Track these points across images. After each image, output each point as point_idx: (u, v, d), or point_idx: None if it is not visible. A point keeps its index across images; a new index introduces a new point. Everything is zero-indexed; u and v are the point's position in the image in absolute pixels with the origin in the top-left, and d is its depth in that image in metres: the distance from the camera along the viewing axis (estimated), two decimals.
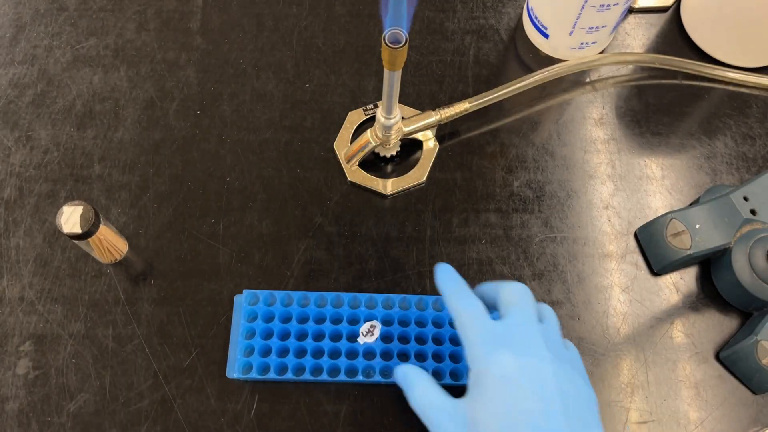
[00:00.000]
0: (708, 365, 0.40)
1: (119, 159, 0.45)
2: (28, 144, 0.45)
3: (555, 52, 0.49)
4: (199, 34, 0.50)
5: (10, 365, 0.39)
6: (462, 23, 0.51)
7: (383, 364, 0.37)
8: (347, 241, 0.43)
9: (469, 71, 0.49)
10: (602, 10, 0.43)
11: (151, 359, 0.39)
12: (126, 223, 0.43)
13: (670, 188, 0.45)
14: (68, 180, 0.44)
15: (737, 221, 0.40)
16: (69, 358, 0.39)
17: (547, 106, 0.48)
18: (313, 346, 0.37)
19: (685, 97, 0.48)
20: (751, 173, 0.46)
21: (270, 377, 0.37)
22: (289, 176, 0.45)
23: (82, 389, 0.38)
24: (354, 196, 0.44)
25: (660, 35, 0.51)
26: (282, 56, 0.49)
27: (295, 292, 0.39)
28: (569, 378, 0.30)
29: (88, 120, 0.46)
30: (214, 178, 0.44)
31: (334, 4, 0.51)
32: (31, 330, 0.40)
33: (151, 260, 0.42)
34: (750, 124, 0.47)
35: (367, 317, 0.38)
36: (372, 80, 0.48)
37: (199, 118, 0.47)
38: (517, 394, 0.29)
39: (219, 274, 0.41)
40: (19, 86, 0.47)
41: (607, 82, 0.49)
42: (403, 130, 0.43)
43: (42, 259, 0.42)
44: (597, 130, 0.47)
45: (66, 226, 0.36)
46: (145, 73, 0.48)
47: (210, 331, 0.40)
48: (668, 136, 0.47)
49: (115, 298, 0.41)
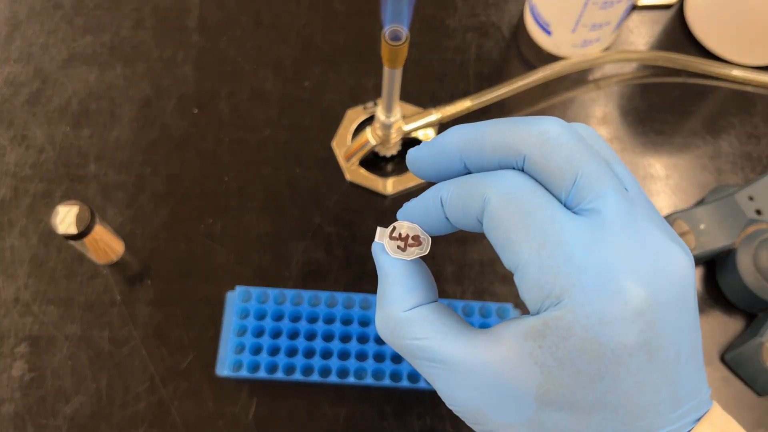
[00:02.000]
0: (713, 367, 0.39)
1: (115, 158, 0.44)
2: (23, 143, 0.45)
3: (557, 50, 0.49)
4: (197, 32, 0.49)
5: (5, 367, 0.38)
6: (463, 20, 0.50)
7: (375, 367, 0.37)
8: (347, 242, 0.42)
9: (471, 69, 0.48)
10: (605, 7, 0.43)
11: (147, 361, 0.38)
12: (122, 223, 0.42)
13: (674, 188, 0.45)
14: (64, 179, 0.44)
15: (742, 221, 0.40)
16: (65, 360, 0.38)
17: (549, 104, 0.48)
18: (304, 346, 0.37)
19: (689, 95, 0.48)
20: (755, 173, 0.45)
21: (260, 376, 0.36)
22: (288, 176, 0.44)
23: (78, 392, 0.38)
24: (354, 196, 0.44)
25: (664, 33, 0.51)
26: (280, 54, 0.49)
27: (289, 290, 0.38)
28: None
29: (83, 119, 0.46)
30: (211, 178, 0.44)
31: (334, 1, 0.51)
32: (27, 332, 0.39)
33: (147, 261, 0.41)
34: (755, 123, 0.47)
35: (361, 318, 0.38)
36: (372, 78, 0.48)
37: (196, 117, 0.46)
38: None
39: (217, 275, 0.41)
40: (15, 84, 0.47)
41: (611, 80, 0.49)
42: (403, 129, 0.42)
43: (37, 260, 0.41)
44: (600, 128, 0.47)
45: (61, 226, 0.35)
46: (142, 71, 0.48)
47: (207, 333, 0.39)
48: (672, 135, 0.47)
49: (112, 300, 0.40)
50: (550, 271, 0.17)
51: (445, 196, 0.19)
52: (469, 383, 0.18)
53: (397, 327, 0.19)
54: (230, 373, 0.36)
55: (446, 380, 0.18)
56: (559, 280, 0.17)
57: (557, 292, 0.17)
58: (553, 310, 0.17)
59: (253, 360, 0.36)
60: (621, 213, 0.17)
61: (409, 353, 0.19)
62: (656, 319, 0.16)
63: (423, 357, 0.19)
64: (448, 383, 0.18)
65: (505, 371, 0.17)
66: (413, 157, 0.21)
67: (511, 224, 0.17)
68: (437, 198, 0.20)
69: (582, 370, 0.17)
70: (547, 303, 0.17)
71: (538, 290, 0.17)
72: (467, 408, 0.18)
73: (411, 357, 0.19)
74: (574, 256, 0.17)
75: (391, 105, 0.39)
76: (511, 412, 0.18)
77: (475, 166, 0.19)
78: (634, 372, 0.17)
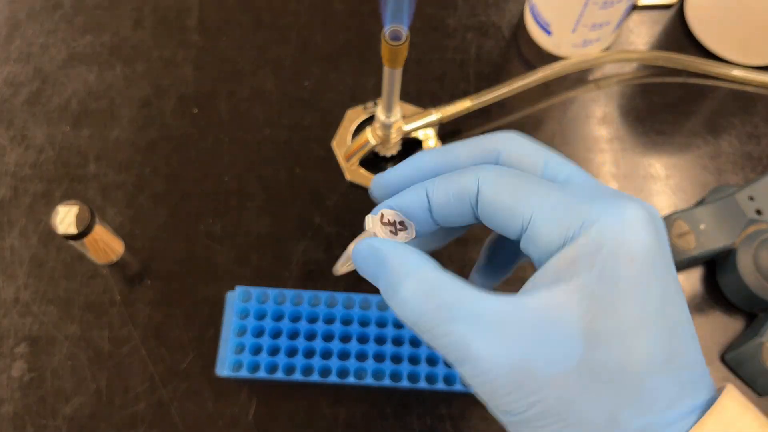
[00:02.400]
0: (713, 367, 0.39)
1: (115, 158, 0.44)
2: (23, 143, 0.45)
3: (558, 50, 0.49)
4: (196, 32, 0.49)
5: (4, 367, 0.38)
6: (463, 20, 0.50)
7: (375, 367, 0.37)
8: (347, 242, 0.42)
9: (471, 69, 0.48)
10: (605, 7, 0.43)
11: (147, 361, 0.38)
12: (122, 223, 0.42)
13: (674, 188, 0.45)
14: (63, 179, 0.44)
15: (742, 221, 0.40)
16: (64, 360, 0.38)
17: (549, 104, 0.48)
18: (304, 346, 0.37)
19: (689, 95, 0.48)
20: (756, 173, 0.45)
21: (260, 376, 0.36)
22: (288, 175, 0.44)
23: (77, 392, 0.38)
24: (353, 196, 0.44)
25: (664, 33, 0.50)
26: (280, 53, 0.48)
27: (289, 290, 0.38)
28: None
29: (83, 119, 0.46)
30: (211, 178, 0.44)
31: (334, 1, 0.51)
32: (26, 332, 0.39)
33: (147, 261, 0.41)
34: (755, 123, 0.47)
35: (361, 318, 0.38)
36: (372, 78, 0.48)
37: (196, 117, 0.46)
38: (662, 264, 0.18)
39: (216, 275, 0.41)
40: (14, 84, 0.47)
41: (611, 80, 0.49)
42: (403, 129, 0.42)
43: (37, 260, 0.41)
44: (600, 128, 0.47)
45: (61, 226, 0.35)
46: (142, 71, 0.47)
47: (207, 333, 0.39)
48: (672, 135, 0.47)
49: (111, 300, 0.40)
50: (566, 205, 0.18)
51: (433, 189, 0.20)
52: (513, 335, 0.17)
53: (431, 288, 0.18)
54: (230, 373, 0.36)
55: (487, 338, 0.17)
56: (575, 209, 0.18)
57: (577, 220, 0.18)
58: (577, 238, 0.17)
59: (253, 360, 0.36)
60: (592, 181, 0.20)
61: (445, 315, 0.18)
62: (660, 229, 0.18)
63: (461, 316, 0.17)
64: (489, 341, 0.17)
65: (548, 310, 0.17)
66: (383, 181, 0.21)
67: (514, 186, 0.19)
68: (422, 194, 0.20)
69: (620, 276, 0.17)
70: (570, 233, 0.18)
71: (558, 226, 0.18)
72: (512, 369, 0.17)
73: (446, 321, 0.18)
74: (578, 195, 0.18)
75: (391, 105, 0.39)
76: (560, 358, 0.17)
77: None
78: (660, 277, 0.17)
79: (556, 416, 0.17)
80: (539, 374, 0.17)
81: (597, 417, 0.17)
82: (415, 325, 0.18)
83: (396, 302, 0.19)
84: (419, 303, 0.18)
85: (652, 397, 0.17)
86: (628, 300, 0.17)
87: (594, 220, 0.17)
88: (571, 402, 0.17)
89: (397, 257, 0.19)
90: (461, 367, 0.18)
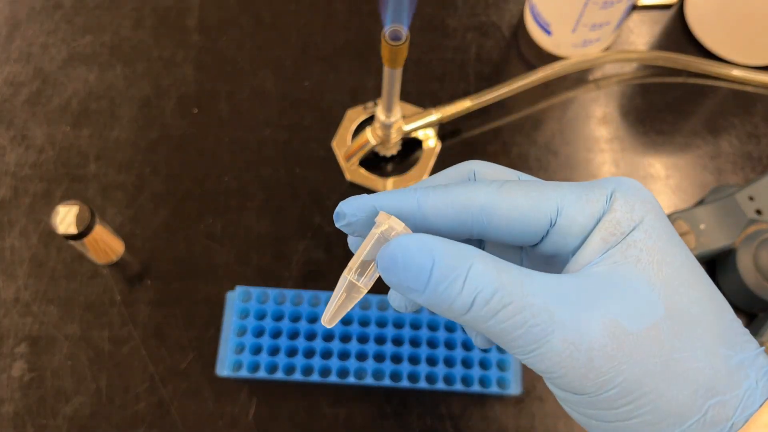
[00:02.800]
0: None
1: (115, 158, 0.44)
2: (23, 143, 0.45)
3: (558, 50, 0.49)
4: (197, 32, 0.49)
5: (5, 367, 0.38)
6: (463, 20, 0.50)
7: (375, 367, 0.37)
8: (347, 242, 0.42)
9: (471, 69, 0.48)
10: (605, 7, 0.43)
11: (147, 361, 0.38)
12: (122, 223, 0.42)
13: (674, 188, 0.45)
14: (63, 179, 0.44)
15: (742, 221, 0.40)
16: (64, 360, 0.38)
17: (549, 104, 0.47)
18: (304, 346, 0.37)
19: (689, 95, 0.48)
20: (756, 173, 0.45)
21: (260, 376, 0.36)
22: (288, 175, 0.44)
23: (77, 392, 0.38)
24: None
25: (664, 33, 0.50)
26: (280, 54, 0.48)
27: (289, 290, 0.38)
28: None
29: (83, 118, 0.46)
30: (211, 178, 0.44)
31: (334, 1, 0.51)
32: (27, 332, 0.39)
33: (147, 261, 0.41)
34: (755, 123, 0.47)
35: (361, 318, 0.38)
36: (372, 78, 0.48)
37: (196, 117, 0.46)
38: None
39: (216, 275, 0.41)
40: (15, 84, 0.47)
41: (611, 80, 0.49)
42: (403, 129, 0.42)
43: (37, 260, 0.41)
44: (600, 128, 0.47)
45: (61, 226, 0.35)
46: (142, 70, 0.47)
47: (207, 333, 0.39)
48: (672, 135, 0.47)
49: (111, 300, 0.40)
50: (580, 188, 0.19)
51: (425, 200, 0.19)
52: (593, 300, 0.17)
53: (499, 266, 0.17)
54: (230, 373, 0.36)
55: (569, 306, 0.17)
56: (591, 188, 0.19)
57: (600, 195, 0.19)
58: (612, 205, 0.18)
59: (253, 360, 0.36)
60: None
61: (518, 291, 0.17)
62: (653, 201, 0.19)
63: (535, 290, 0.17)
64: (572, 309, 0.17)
65: (616, 271, 0.17)
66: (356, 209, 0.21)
67: (522, 190, 0.19)
68: (413, 202, 0.19)
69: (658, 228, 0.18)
70: (598, 207, 0.18)
71: (587, 205, 0.18)
72: (603, 331, 0.16)
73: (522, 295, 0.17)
74: (574, 184, 0.19)
75: (391, 105, 0.39)
76: (646, 311, 0.17)
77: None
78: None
79: (659, 373, 0.16)
80: (632, 330, 0.16)
81: (698, 361, 0.17)
82: (488, 305, 0.17)
83: (468, 283, 0.17)
84: (492, 279, 0.17)
85: (735, 333, 0.17)
86: (674, 247, 0.18)
87: (614, 189, 0.19)
88: (671, 350, 0.16)
89: (452, 245, 0.17)
90: (542, 347, 0.17)
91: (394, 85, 0.36)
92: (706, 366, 0.17)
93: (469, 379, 0.37)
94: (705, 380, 0.17)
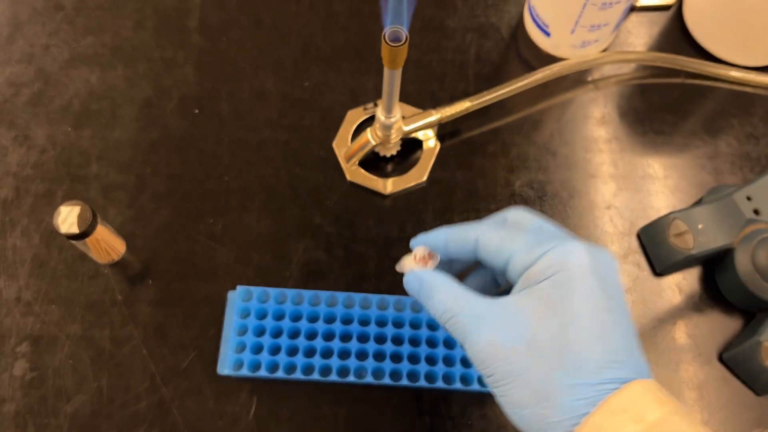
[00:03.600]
0: (711, 366, 0.40)
1: (116, 158, 0.45)
2: (24, 143, 0.45)
3: (556, 51, 0.49)
4: (197, 32, 0.49)
5: (6, 366, 0.38)
6: (463, 21, 0.51)
7: (375, 366, 0.37)
8: (347, 242, 0.42)
9: (470, 69, 0.49)
10: (604, 8, 0.43)
11: (148, 361, 0.39)
12: (123, 223, 0.42)
13: (672, 188, 0.45)
14: (65, 180, 0.44)
15: (740, 221, 0.40)
16: (66, 359, 0.39)
17: (548, 105, 0.48)
18: (305, 345, 0.37)
19: (687, 96, 0.48)
20: (754, 173, 0.45)
21: (261, 375, 0.36)
22: (288, 176, 0.44)
23: (79, 391, 0.38)
24: (354, 196, 0.44)
25: (662, 33, 0.51)
26: (281, 54, 0.49)
27: (290, 290, 0.38)
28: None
29: (85, 119, 0.46)
30: (212, 178, 0.44)
31: (334, 2, 0.51)
32: (28, 331, 0.39)
33: (148, 261, 0.41)
34: (753, 124, 0.47)
35: (361, 317, 0.38)
36: (372, 79, 0.48)
37: (196, 117, 0.46)
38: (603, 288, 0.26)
39: (217, 275, 0.41)
40: (16, 85, 0.47)
41: (609, 80, 0.49)
42: (403, 129, 0.43)
43: (39, 260, 0.41)
44: (599, 129, 0.47)
45: (63, 226, 0.36)
46: (143, 71, 0.48)
47: (208, 333, 0.39)
48: (671, 136, 0.47)
49: (113, 299, 0.40)
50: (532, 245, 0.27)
51: (450, 237, 0.30)
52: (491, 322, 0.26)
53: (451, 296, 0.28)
54: (231, 373, 0.36)
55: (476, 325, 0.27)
56: (538, 246, 0.27)
57: (539, 252, 0.27)
58: (538, 261, 0.26)
59: (253, 359, 0.37)
60: (557, 229, 0.29)
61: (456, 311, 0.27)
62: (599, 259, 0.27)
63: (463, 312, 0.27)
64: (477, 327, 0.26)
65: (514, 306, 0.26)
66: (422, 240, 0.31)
67: (499, 237, 0.28)
68: (441, 238, 0.30)
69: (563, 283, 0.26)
70: (534, 260, 0.26)
71: (527, 257, 0.27)
72: (488, 344, 0.26)
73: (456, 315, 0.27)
74: (543, 238, 0.27)
75: (391, 105, 0.39)
76: (516, 337, 0.25)
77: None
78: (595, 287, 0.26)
79: (513, 377, 0.25)
80: (502, 348, 0.25)
81: (540, 377, 0.25)
82: (441, 319, 0.28)
83: (431, 305, 0.28)
84: (443, 305, 0.28)
85: (580, 365, 0.24)
86: (568, 299, 0.25)
87: (549, 250, 0.26)
88: (522, 368, 0.25)
89: (430, 278, 0.29)
90: (464, 344, 0.27)
91: (394, 86, 0.36)
92: (541, 380, 0.25)
93: (468, 378, 0.37)
94: (540, 388, 0.25)
